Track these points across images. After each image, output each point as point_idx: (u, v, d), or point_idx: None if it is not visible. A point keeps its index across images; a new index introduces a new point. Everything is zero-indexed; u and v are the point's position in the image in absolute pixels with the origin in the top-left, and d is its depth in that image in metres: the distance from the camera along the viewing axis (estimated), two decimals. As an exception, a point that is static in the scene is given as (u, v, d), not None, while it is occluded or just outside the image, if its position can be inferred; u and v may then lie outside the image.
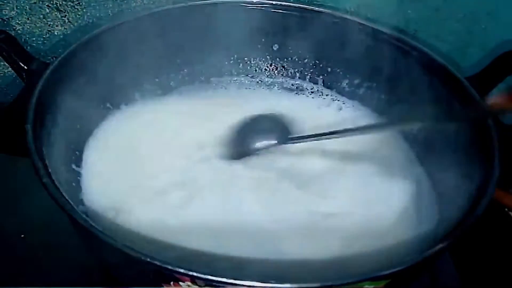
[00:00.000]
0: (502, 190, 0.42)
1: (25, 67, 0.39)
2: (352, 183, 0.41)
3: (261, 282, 0.24)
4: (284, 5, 0.48)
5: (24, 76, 0.39)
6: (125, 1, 0.51)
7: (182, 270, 0.24)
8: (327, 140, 0.41)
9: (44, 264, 0.39)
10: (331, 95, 0.50)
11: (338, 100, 0.50)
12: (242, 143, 0.42)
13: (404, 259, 0.27)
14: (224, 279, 0.24)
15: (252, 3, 0.48)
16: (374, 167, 0.43)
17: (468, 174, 0.36)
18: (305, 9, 0.48)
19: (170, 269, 0.24)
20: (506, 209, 0.43)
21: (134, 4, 0.51)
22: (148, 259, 0.25)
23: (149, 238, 0.35)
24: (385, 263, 0.26)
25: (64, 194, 0.29)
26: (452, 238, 0.28)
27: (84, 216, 0.28)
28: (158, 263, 0.24)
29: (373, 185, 0.41)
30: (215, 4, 0.48)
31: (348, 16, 0.47)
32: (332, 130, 0.38)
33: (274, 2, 0.48)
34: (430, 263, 0.31)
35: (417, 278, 0.33)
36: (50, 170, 0.31)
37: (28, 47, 0.53)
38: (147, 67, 0.47)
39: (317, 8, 0.48)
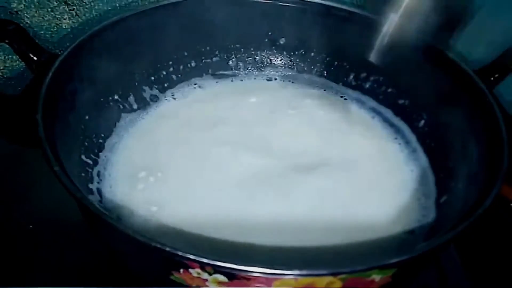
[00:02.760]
0: (509, 186, 0.42)
1: (35, 59, 0.39)
2: (355, 173, 0.41)
3: (270, 269, 0.24)
4: (291, -1, 0.48)
5: (34, 67, 0.39)
6: (133, -5, 0.51)
7: (191, 257, 0.24)
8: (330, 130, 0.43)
9: (51, 255, 0.39)
10: (337, 89, 0.50)
11: (345, 93, 0.50)
12: None
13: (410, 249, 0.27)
14: (233, 265, 0.24)
15: (259, -4, 0.48)
16: (379, 157, 0.43)
17: (476, 167, 0.36)
18: (312, 2, 0.48)
19: (180, 256, 0.25)
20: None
21: (142, -3, 0.52)
22: (158, 246, 0.25)
23: (159, 229, 0.35)
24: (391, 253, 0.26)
25: (74, 182, 0.30)
26: (459, 229, 0.28)
27: (94, 203, 0.28)
28: (168, 250, 0.25)
29: (377, 175, 0.41)
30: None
31: (355, 10, 0.47)
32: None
33: (280, -5, 0.48)
34: (436, 253, 0.31)
35: (423, 269, 0.33)
36: (60, 160, 0.31)
37: (36, 40, 0.54)
38: (155, 59, 0.48)
39: (324, 2, 0.48)
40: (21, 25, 0.52)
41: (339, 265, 0.25)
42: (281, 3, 0.48)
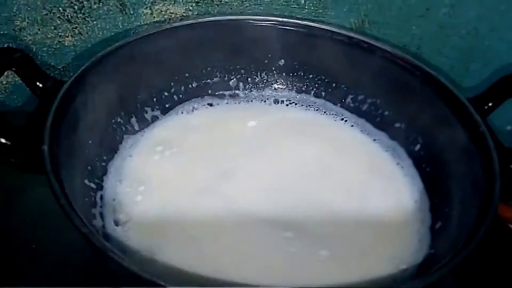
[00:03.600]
0: (502, 203, 0.43)
1: (41, 86, 0.40)
2: (350, 200, 0.42)
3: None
4: (290, 22, 0.49)
5: (39, 93, 0.40)
6: (135, 15, 0.52)
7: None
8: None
9: (55, 273, 0.40)
10: (335, 110, 0.51)
11: (342, 116, 0.51)
12: None
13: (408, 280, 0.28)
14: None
15: (258, 20, 0.49)
16: (375, 181, 0.44)
17: (469, 195, 0.38)
18: (310, 26, 0.49)
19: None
20: (506, 223, 0.44)
21: (144, 17, 0.53)
22: (161, 283, 0.26)
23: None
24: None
25: (80, 215, 0.31)
26: (451, 265, 0.29)
27: (100, 238, 0.29)
28: None
29: (372, 200, 0.42)
30: (222, 21, 0.49)
31: (352, 34, 0.48)
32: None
33: (280, 19, 0.49)
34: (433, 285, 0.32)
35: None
36: (66, 190, 0.32)
37: (39, 57, 0.54)
38: (157, 81, 0.49)
39: (322, 26, 0.49)
40: (24, 43, 0.53)
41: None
42: (281, 27, 0.49)
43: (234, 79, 0.52)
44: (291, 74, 0.53)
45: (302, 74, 0.52)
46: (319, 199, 0.42)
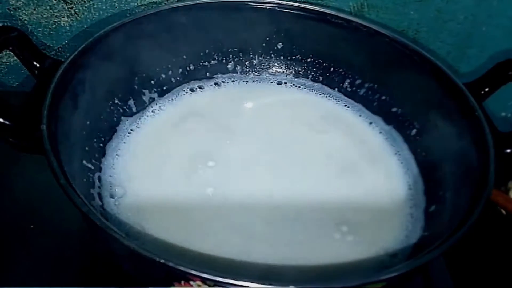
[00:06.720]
0: (494, 189, 0.44)
1: (38, 65, 0.40)
2: (346, 184, 0.43)
3: (267, 285, 0.26)
4: (289, 5, 0.49)
5: (36, 73, 0.40)
6: (131, -5, 0.52)
7: (193, 272, 0.26)
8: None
9: (53, 254, 0.40)
10: (333, 94, 0.51)
11: (339, 99, 0.51)
12: None
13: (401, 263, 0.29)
14: (233, 281, 0.26)
15: (257, 2, 0.49)
16: (370, 165, 0.45)
17: (463, 180, 0.38)
18: (310, 9, 0.49)
19: (183, 271, 0.26)
20: (498, 207, 0.45)
21: (140, -2, 0.52)
22: (163, 261, 0.26)
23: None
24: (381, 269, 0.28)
25: (78, 190, 0.31)
26: (444, 247, 0.30)
27: (100, 217, 0.30)
28: (171, 265, 0.26)
29: (367, 183, 0.43)
30: (220, 2, 0.48)
31: (351, 18, 0.48)
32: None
33: (279, 2, 0.49)
34: (426, 266, 0.33)
35: (411, 279, 0.35)
36: (65, 170, 0.32)
37: (34, 37, 0.54)
38: (154, 62, 0.48)
39: (321, 9, 0.49)
40: (20, 22, 0.53)
41: (334, 281, 0.26)
42: (279, 9, 0.49)
43: (232, 62, 0.52)
44: (289, 58, 0.53)
45: (300, 57, 0.52)
46: (313, 182, 0.42)
